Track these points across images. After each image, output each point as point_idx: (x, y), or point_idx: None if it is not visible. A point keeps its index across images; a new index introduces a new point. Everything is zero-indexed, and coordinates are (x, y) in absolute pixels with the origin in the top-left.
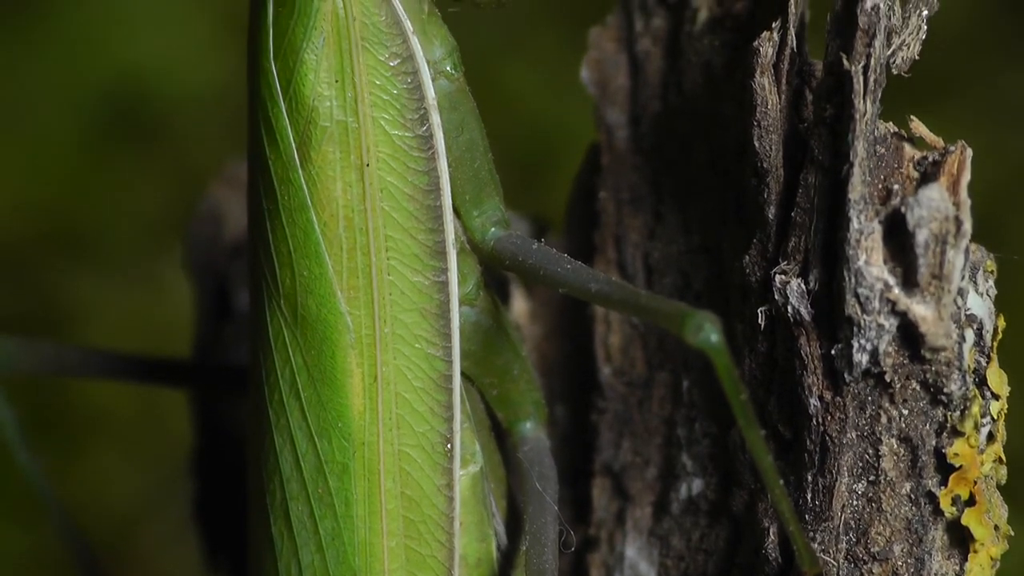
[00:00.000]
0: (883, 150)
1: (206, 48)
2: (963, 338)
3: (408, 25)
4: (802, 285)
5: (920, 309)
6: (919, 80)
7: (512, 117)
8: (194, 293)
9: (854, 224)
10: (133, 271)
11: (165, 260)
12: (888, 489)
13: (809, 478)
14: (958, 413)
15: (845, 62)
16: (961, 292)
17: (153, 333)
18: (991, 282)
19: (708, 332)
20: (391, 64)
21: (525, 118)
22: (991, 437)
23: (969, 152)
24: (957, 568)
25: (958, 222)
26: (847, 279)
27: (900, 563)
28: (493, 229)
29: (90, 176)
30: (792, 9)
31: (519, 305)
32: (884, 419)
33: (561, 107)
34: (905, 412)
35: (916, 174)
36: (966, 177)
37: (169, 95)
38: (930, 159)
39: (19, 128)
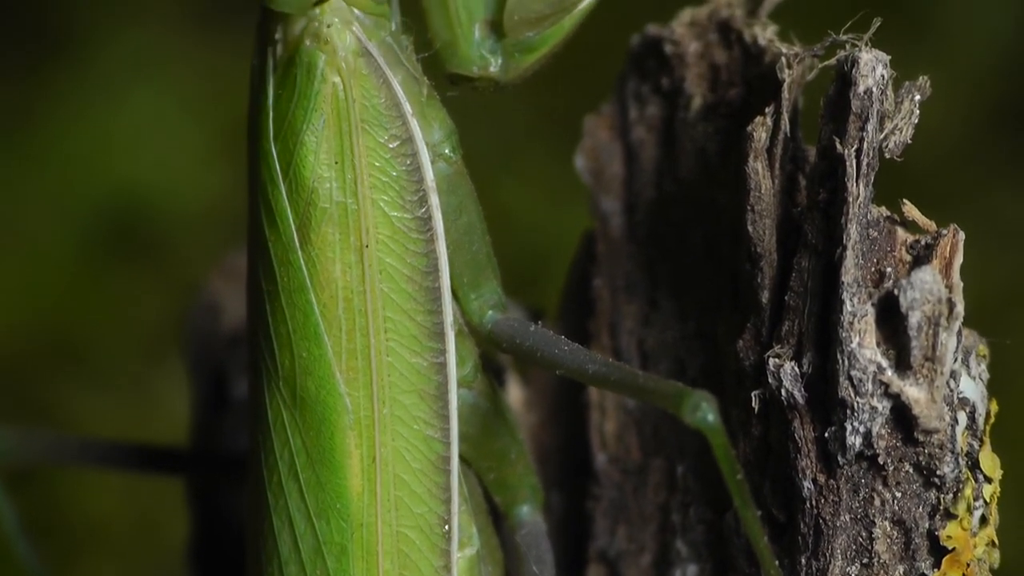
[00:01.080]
0: (876, 234)
1: (202, 163)
2: (956, 421)
3: (407, 108)
4: (796, 368)
5: (913, 391)
6: (909, 195)
7: (506, 231)
8: (191, 383)
9: (847, 307)
10: (129, 384)
11: (160, 373)
12: (882, 572)
13: (803, 561)
14: (951, 496)
15: (838, 145)
16: (954, 375)
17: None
18: (983, 366)
19: (705, 411)
20: (391, 146)
21: (519, 232)
22: (984, 520)
23: (961, 235)
24: None
25: (951, 304)
26: (840, 362)
27: None
28: (491, 312)
29: (87, 290)
30: (785, 95)
31: (515, 393)
32: (877, 502)
33: (555, 221)
34: (898, 495)
35: (909, 257)
36: (958, 260)
37: (166, 209)
38: (923, 242)
39: (16, 242)
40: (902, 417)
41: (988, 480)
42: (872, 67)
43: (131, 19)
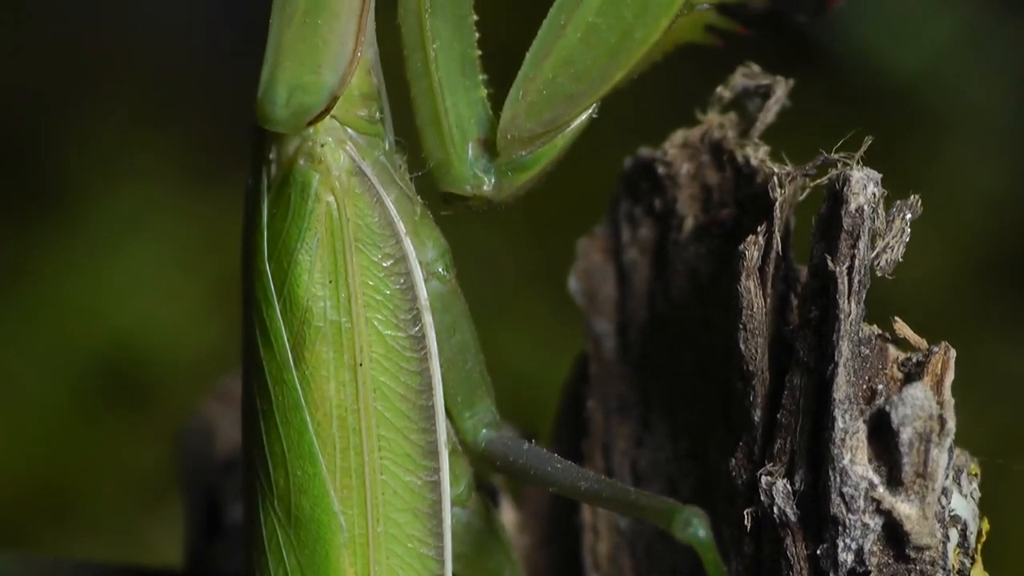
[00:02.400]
0: (868, 351)
1: (196, 313)
2: (947, 538)
3: (401, 227)
4: (788, 486)
5: (905, 507)
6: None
7: (500, 380)
8: (185, 507)
9: (839, 423)
10: (122, 531)
11: (154, 520)
12: None
13: None
14: None
15: (830, 263)
16: (945, 491)
17: None
18: (975, 484)
19: (696, 527)
20: (384, 265)
21: (513, 381)
22: None
23: (953, 353)
24: None
25: (942, 421)
26: (832, 478)
27: None
28: (485, 430)
29: (80, 438)
30: (777, 214)
31: (509, 515)
32: None
33: (549, 369)
34: None
35: (901, 375)
36: (950, 377)
37: (159, 359)
38: (914, 360)
39: (10, 392)
40: (894, 534)
41: None
42: (863, 185)
43: (125, 177)
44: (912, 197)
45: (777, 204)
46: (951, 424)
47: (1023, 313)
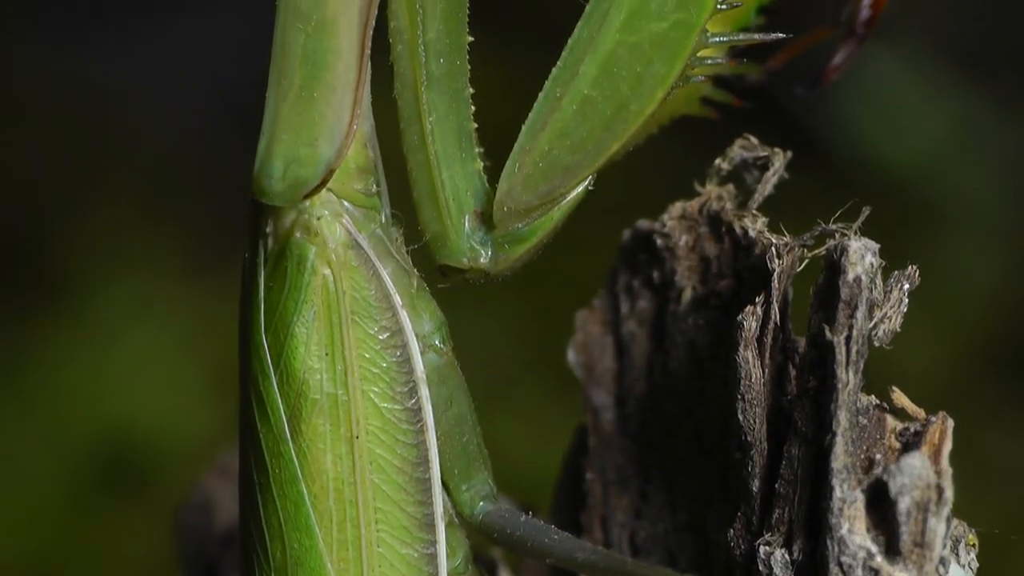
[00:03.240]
0: (866, 421)
1: (194, 400)
2: None
3: (397, 299)
4: (786, 555)
5: None
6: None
7: (499, 467)
8: None
9: (837, 493)
10: None
11: None
12: None
13: None
14: None
15: (828, 333)
16: (943, 561)
17: None
18: (973, 555)
19: None
20: (381, 337)
21: (512, 467)
22: None
23: (951, 423)
24: None
25: (939, 490)
26: (831, 548)
27: None
28: (482, 503)
29: (80, 526)
30: (775, 285)
31: None
32: None
33: (548, 456)
34: None
35: (898, 444)
36: (947, 446)
37: (157, 446)
38: (912, 430)
39: (7, 480)
40: None
41: None
42: (861, 255)
43: (125, 266)
44: (910, 268)
45: (775, 275)
46: (949, 493)
47: (1022, 402)
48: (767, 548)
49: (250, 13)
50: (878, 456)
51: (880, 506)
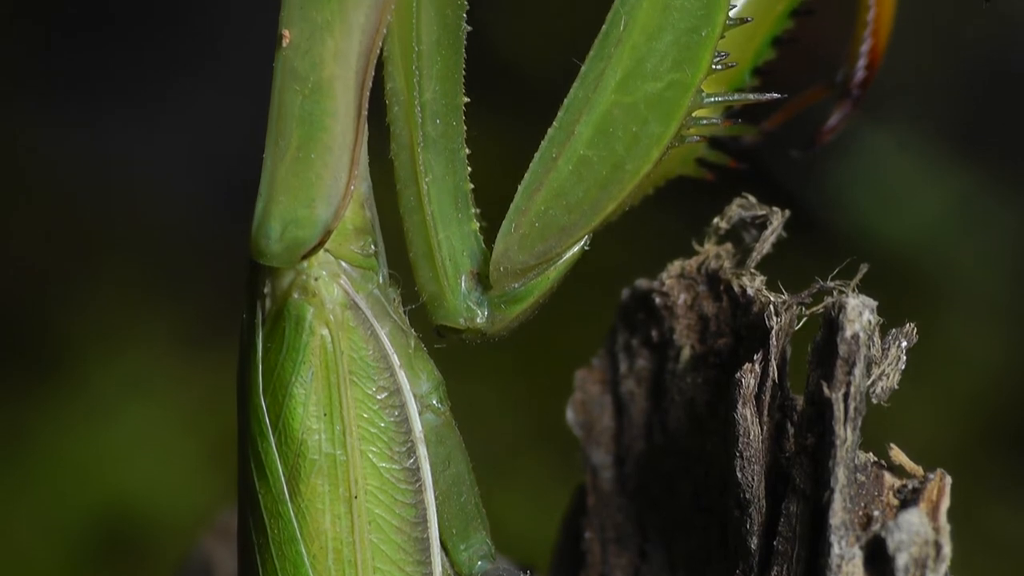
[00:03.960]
0: (864, 478)
1: (192, 474)
2: None
3: (395, 359)
4: None
5: None
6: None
7: (497, 538)
8: None
9: (835, 550)
10: None
11: None
12: None
13: None
14: None
15: (825, 389)
16: None
17: None
18: None
19: None
20: (379, 397)
21: (510, 538)
22: None
23: (948, 480)
24: None
25: (938, 546)
26: None
27: None
28: (480, 563)
29: None
30: (773, 342)
31: None
32: None
33: (546, 524)
34: None
35: (896, 501)
36: (945, 503)
37: (157, 520)
38: (910, 486)
39: (7, 554)
40: None
41: None
42: (859, 312)
43: (123, 341)
44: (907, 326)
45: (773, 332)
46: (947, 550)
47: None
48: None
49: (251, 92)
50: (876, 513)
51: (878, 563)
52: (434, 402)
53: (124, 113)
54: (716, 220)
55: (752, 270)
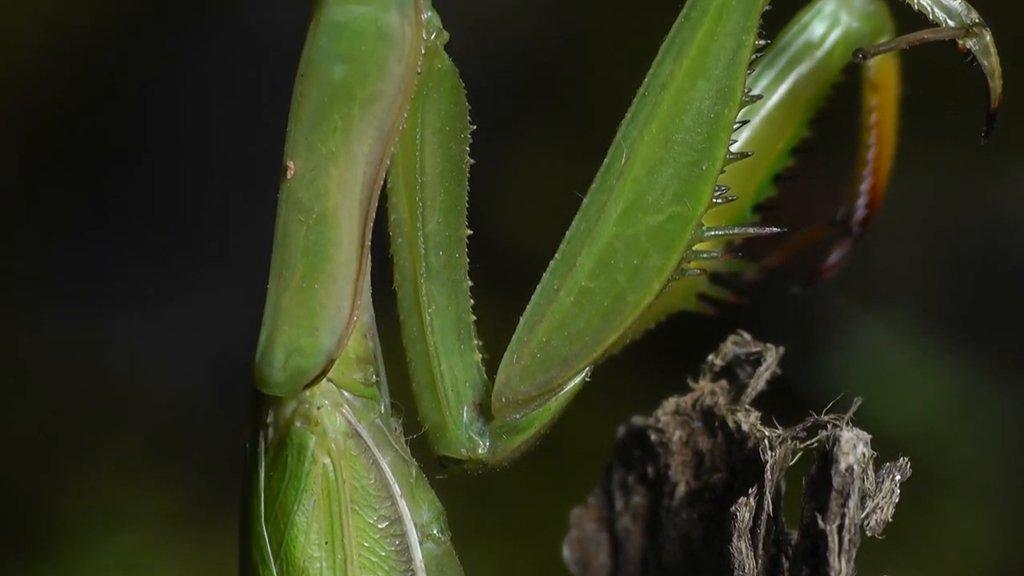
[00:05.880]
0: None
1: None
2: None
3: (396, 488)
4: None
5: None
6: None
7: None
8: None
9: None
10: None
11: None
12: None
13: None
14: None
15: (820, 522)
16: None
17: None
18: None
19: None
20: (380, 526)
21: None
22: None
23: None
24: None
25: None
26: None
27: None
28: None
29: None
30: (768, 476)
31: None
32: None
33: None
34: None
35: None
36: None
37: None
38: None
39: None
40: None
41: None
42: (853, 445)
43: (119, 524)
44: (901, 459)
45: (768, 466)
46: None
47: None
48: None
49: (249, 280)
50: None
51: None
52: (435, 531)
53: (123, 297)
54: (711, 357)
55: (747, 406)
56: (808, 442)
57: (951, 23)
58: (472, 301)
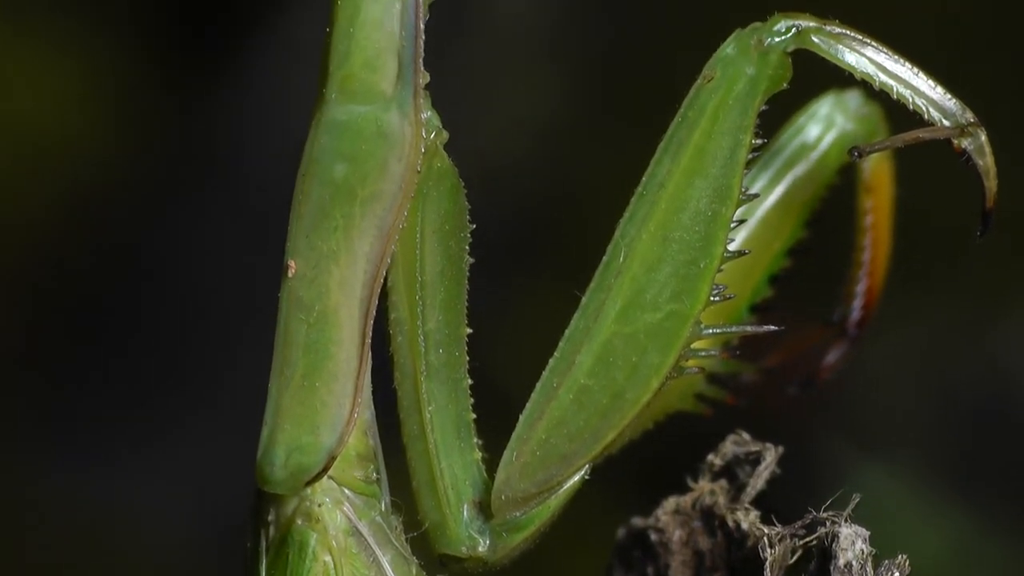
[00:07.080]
0: None
1: None
2: None
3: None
4: None
5: None
6: None
7: None
8: None
9: None
10: None
11: None
12: None
13: None
14: None
15: None
16: None
17: None
18: None
19: None
20: None
21: None
22: None
23: None
24: None
25: None
26: None
27: None
28: None
29: None
30: (768, 575)
31: None
32: None
33: None
34: None
35: None
36: None
37: None
38: None
39: None
40: None
41: None
42: (852, 541)
43: None
44: (900, 557)
45: (767, 564)
46: None
47: None
48: None
49: (246, 431)
50: None
51: None
52: None
53: (119, 446)
54: (710, 457)
55: (747, 505)
56: (807, 539)
57: (946, 123)
58: (472, 400)
